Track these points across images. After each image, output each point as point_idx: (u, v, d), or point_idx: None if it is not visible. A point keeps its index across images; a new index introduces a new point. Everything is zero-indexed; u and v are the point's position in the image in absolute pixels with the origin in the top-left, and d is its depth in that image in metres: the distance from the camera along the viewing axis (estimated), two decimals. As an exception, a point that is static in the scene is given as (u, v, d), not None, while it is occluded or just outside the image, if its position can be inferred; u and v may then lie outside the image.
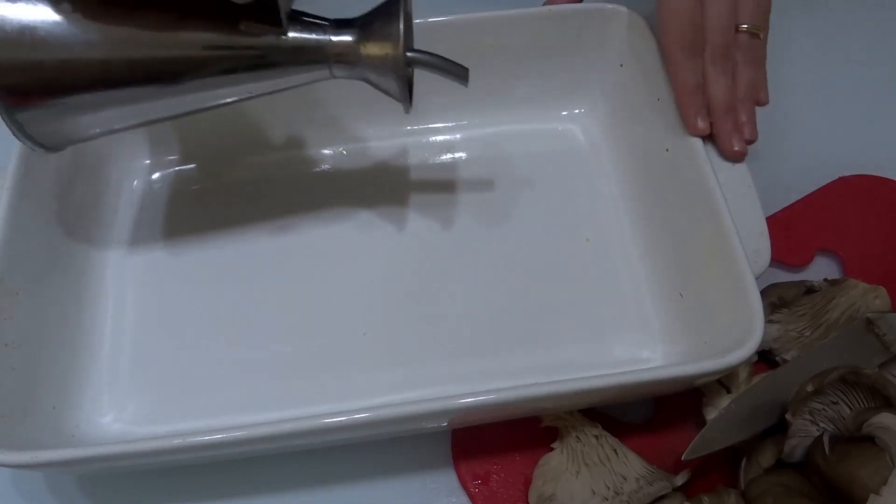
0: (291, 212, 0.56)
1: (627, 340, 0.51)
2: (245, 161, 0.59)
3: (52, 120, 0.43)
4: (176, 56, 0.43)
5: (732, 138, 0.50)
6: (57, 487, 0.48)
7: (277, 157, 0.59)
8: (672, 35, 0.49)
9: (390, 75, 0.45)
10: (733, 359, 0.42)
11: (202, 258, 0.54)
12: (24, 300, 0.47)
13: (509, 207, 0.56)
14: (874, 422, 0.40)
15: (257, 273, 0.54)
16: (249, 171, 0.59)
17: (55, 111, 0.43)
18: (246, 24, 0.43)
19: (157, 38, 0.42)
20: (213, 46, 0.43)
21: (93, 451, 0.41)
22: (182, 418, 0.48)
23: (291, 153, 0.59)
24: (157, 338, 0.51)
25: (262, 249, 0.54)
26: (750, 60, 0.51)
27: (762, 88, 0.52)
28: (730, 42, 0.50)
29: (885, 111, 0.63)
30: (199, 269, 0.54)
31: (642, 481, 0.44)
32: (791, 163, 0.60)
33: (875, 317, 0.47)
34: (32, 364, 0.46)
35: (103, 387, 0.49)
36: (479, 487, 0.47)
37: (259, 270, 0.54)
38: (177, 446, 0.40)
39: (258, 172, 0.59)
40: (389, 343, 0.51)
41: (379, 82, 0.46)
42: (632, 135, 0.57)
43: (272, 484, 0.48)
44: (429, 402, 0.41)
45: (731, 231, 0.45)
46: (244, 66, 0.44)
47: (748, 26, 0.50)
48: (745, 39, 0.50)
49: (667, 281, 0.51)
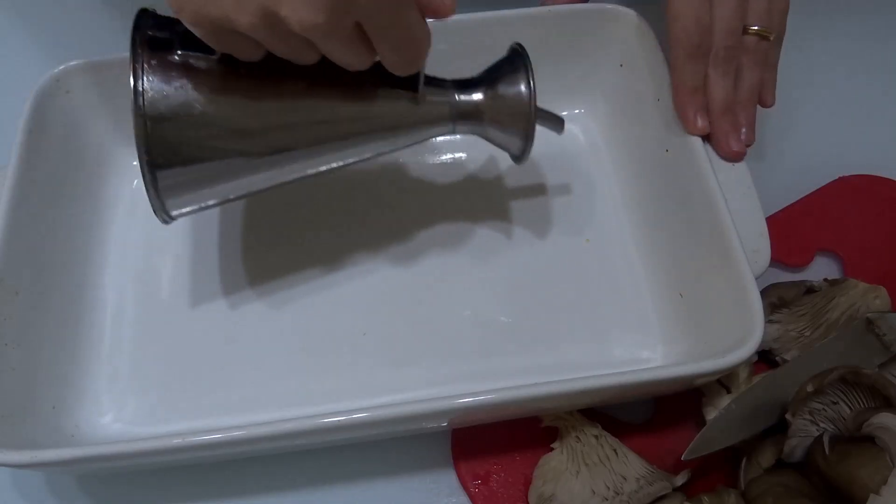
0: (290, 213, 0.56)
1: (627, 340, 0.51)
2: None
3: (187, 190, 0.44)
4: (320, 126, 0.44)
5: (730, 139, 0.50)
6: (57, 487, 0.48)
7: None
8: (676, 36, 0.49)
9: (517, 134, 0.47)
10: (733, 359, 0.42)
11: (202, 258, 0.54)
12: (23, 300, 0.47)
13: (509, 208, 0.56)
14: (874, 422, 0.40)
15: (257, 273, 0.53)
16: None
17: (195, 179, 0.43)
18: (385, 91, 0.44)
19: (305, 110, 0.43)
20: (353, 117, 0.44)
21: (92, 450, 0.41)
22: (182, 418, 0.48)
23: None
24: (156, 337, 0.51)
25: (260, 250, 0.54)
26: (756, 63, 0.50)
27: (768, 90, 0.52)
28: (734, 44, 0.49)
29: (885, 111, 0.63)
30: (199, 268, 0.54)
31: (642, 481, 0.44)
32: (791, 163, 0.60)
33: (875, 317, 0.47)
34: (32, 364, 0.46)
35: (103, 386, 0.49)
36: (479, 487, 0.47)
37: (258, 270, 0.54)
38: (176, 446, 0.40)
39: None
40: (389, 343, 0.51)
41: (499, 138, 0.48)
42: (632, 135, 0.57)
43: (272, 484, 0.48)
44: (428, 402, 0.41)
45: (731, 231, 0.45)
46: (378, 131, 0.46)
47: (757, 28, 0.50)
48: (753, 42, 0.50)
49: (667, 281, 0.51)
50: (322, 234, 0.55)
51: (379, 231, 0.55)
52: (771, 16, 0.50)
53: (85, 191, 0.54)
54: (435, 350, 0.50)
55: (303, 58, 0.40)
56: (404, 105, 0.45)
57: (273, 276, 0.53)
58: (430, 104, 0.46)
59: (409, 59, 0.42)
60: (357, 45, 0.39)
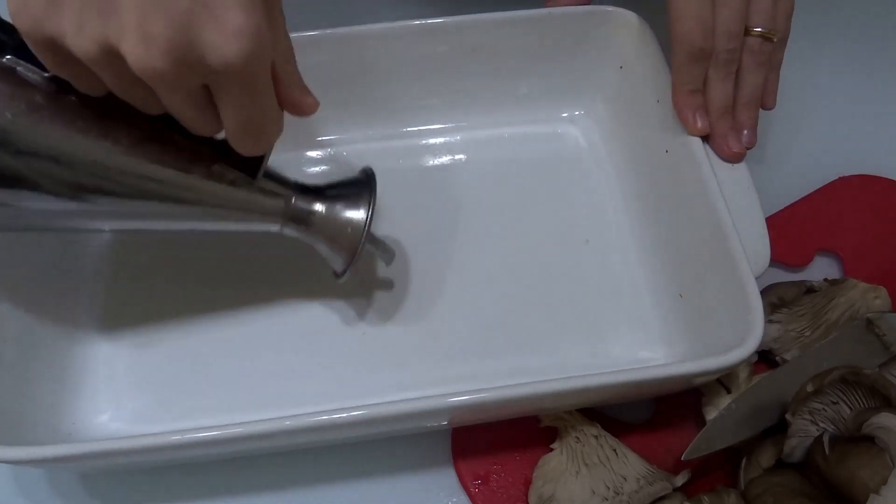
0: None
1: (627, 341, 0.51)
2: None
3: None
4: (140, 180, 0.41)
5: (729, 140, 0.50)
6: (58, 484, 0.48)
7: (275, 159, 0.59)
8: (678, 38, 0.49)
9: (342, 255, 0.47)
10: (733, 358, 0.42)
11: (201, 256, 0.54)
12: (20, 296, 0.47)
13: (509, 209, 0.56)
14: (874, 422, 0.40)
15: (256, 272, 0.53)
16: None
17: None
18: (220, 167, 0.42)
19: (131, 159, 0.40)
20: (180, 183, 0.42)
21: (90, 447, 0.41)
22: (180, 417, 0.48)
23: (288, 155, 0.59)
24: (154, 336, 0.51)
25: (260, 249, 0.54)
26: (759, 65, 0.50)
27: (770, 92, 0.52)
28: (735, 47, 0.49)
29: (884, 111, 0.63)
30: (198, 267, 0.54)
31: (642, 481, 0.44)
32: (791, 163, 0.60)
33: (875, 317, 0.47)
34: (30, 361, 0.46)
35: (100, 385, 0.49)
36: (479, 487, 0.47)
37: (257, 269, 0.54)
38: (175, 443, 0.40)
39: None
40: (389, 344, 0.51)
41: (324, 251, 0.48)
42: (631, 136, 0.57)
43: (272, 482, 0.48)
44: (427, 400, 0.41)
45: (731, 232, 0.45)
46: (202, 205, 0.43)
47: (761, 30, 0.50)
48: (756, 43, 0.50)
49: (666, 282, 0.51)
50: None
51: (378, 232, 0.55)
52: (775, 18, 0.50)
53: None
54: (434, 351, 0.50)
55: (142, 105, 0.37)
56: (238, 188, 0.43)
57: (271, 276, 0.53)
58: (265, 195, 0.45)
59: (253, 140, 0.39)
60: (202, 108, 0.37)
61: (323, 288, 0.53)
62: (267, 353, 0.50)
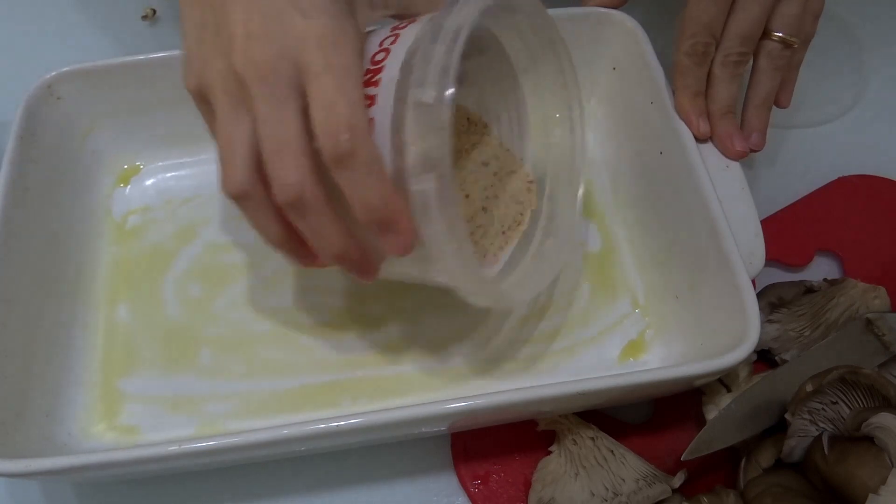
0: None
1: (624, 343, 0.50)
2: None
3: None
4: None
5: (733, 139, 0.50)
6: (53, 495, 0.47)
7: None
8: (684, 40, 0.49)
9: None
10: (730, 360, 0.41)
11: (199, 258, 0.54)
12: (16, 308, 0.47)
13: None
14: (873, 422, 0.40)
15: (253, 277, 0.53)
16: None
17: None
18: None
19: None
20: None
21: (87, 459, 0.41)
22: (176, 427, 0.48)
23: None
24: (151, 345, 0.51)
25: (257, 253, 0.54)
26: (776, 69, 0.50)
27: (785, 91, 0.52)
28: (747, 50, 0.49)
29: (884, 112, 0.63)
30: (196, 272, 0.54)
31: (641, 482, 0.44)
32: (791, 163, 0.60)
33: (875, 317, 0.47)
34: (25, 372, 0.46)
35: (97, 395, 0.49)
36: (479, 488, 0.46)
37: (255, 274, 0.53)
38: (171, 453, 0.40)
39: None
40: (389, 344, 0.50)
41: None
42: (626, 138, 0.56)
43: (272, 489, 0.47)
44: (426, 407, 0.41)
45: (726, 233, 0.45)
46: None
47: (782, 35, 0.49)
48: (776, 48, 0.50)
49: (662, 283, 0.51)
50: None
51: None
52: (801, 21, 0.50)
53: (77, 198, 0.54)
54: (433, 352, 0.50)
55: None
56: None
57: (269, 280, 0.53)
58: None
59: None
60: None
61: (322, 290, 0.52)
62: (264, 360, 0.50)
